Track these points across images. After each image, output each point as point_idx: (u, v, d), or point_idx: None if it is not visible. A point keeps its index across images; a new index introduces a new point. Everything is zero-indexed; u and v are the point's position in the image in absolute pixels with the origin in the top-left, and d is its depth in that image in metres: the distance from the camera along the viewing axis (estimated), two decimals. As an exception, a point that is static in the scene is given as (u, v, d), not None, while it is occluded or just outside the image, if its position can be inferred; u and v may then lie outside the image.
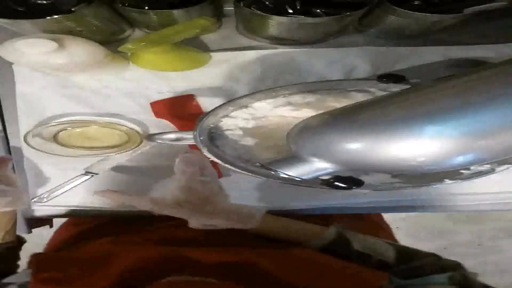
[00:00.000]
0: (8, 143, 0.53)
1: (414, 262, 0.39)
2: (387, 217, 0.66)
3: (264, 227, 0.43)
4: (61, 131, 0.51)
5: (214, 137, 0.44)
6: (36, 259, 0.39)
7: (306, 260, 0.37)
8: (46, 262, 0.38)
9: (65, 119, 0.51)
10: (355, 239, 0.42)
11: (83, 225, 0.55)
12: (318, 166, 0.35)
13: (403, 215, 1.41)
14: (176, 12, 0.43)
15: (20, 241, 0.49)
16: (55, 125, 0.50)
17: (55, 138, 0.51)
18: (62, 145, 0.52)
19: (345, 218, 0.56)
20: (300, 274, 0.34)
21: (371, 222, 0.61)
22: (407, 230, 1.45)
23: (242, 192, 0.53)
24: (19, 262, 0.47)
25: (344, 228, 0.44)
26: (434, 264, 0.39)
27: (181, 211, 0.40)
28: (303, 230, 0.45)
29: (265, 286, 0.33)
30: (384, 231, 0.61)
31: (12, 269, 0.46)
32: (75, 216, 0.56)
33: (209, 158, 0.41)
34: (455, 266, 0.38)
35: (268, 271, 0.34)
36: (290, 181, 0.37)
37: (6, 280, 0.37)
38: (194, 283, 0.31)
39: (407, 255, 0.41)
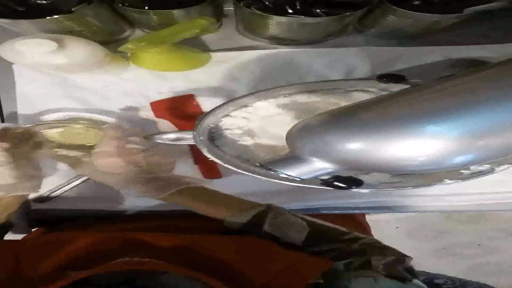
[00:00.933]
0: (8, 143, 0.53)
1: (320, 246, 0.39)
2: (387, 217, 0.66)
3: (185, 198, 0.44)
4: (56, 131, 0.50)
5: (214, 137, 0.44)
6: None
7: (256, 245, 0.38)
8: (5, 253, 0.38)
9: (59, 115, 0.51)
10: (271, 218, 0.41)
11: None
12: (317, 166, 0.35)
13: (403, 215, 1.41)
14: (176, 12, 0.43)
15: (10, 226, 0.49)
16: (50, 124, 0.50)
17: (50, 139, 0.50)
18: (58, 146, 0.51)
19: (331, 219, 0.56)
20: (248, 259, 0.34)
21: (355, 222, 0.61)
22: (407, 230, 1.45)
23: (241, 192, 0.53)
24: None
25: (271, 207, 0.43)
26: (340, 249, 0.38)
27: (107, 176, 0.43)
28: (232, 204, 0.45)
29: (213, 270, 0.33)
30: (364, 230, 0.62)
31: None
32: (75, 216, 0.56)
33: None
34: (366, 251, 0.37)
35: (216, 256, 0.35)
36: (290, 181, 0.37)
37: None
38: (143, 263, 0.32)
39: (317, 238, 0.40)
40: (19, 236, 0.53)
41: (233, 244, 0.37)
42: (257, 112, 0.45)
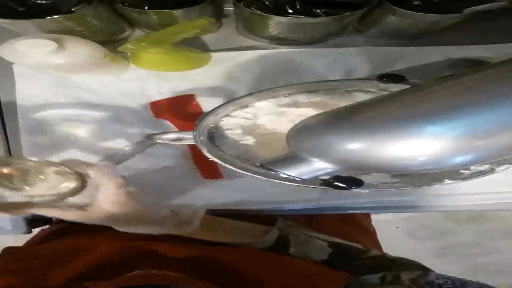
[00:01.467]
0: (8, 143, 0.53)
1: (343, 265, 0.39)
2: (387, 217, 0.66)
3: (202, 229, 0.41)
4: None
5: (214, 137, 0.44)
6: (2, 252, 0.38)
7: (270, 256, 0.37)
8: (13, 255, 0.38)
9: None
10: (294, 242, 0.41)
11: (63, 224, 0.54)
12: (318, 166, 0.35)
13: (403, 215, 1.41)
14: (176, 12, 0.43)
15: None
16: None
17: None
18: None
19: (333, 222, 0.55)
20: (265, 270, 0.34)
21: (357, 225, 0.61)
22: (407, 230, 1.45)
23: (242, 192, 0.53)
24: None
25: (287, 227, 0.43)
26: (368, 265, 0.39)
27: (114, 222, 0.38)
28: (243, 231, 0.44)
29: (228, 280, 0.33)
30: (369, 233, 0.61)
31: None
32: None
33: (208, 159, 0.41)
34: (393, 266, 0.38)
35: (231, 266, 0.34)
36: (290, 181, 0.37)
37: None
38: (159, 276, 0.31)
39: (341, 256, 0.41)
40: (21, 237, 0.53)
41: (250, 255, 0.37)
42: (257, 112, 0.45)
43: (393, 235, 1.42)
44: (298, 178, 0.36)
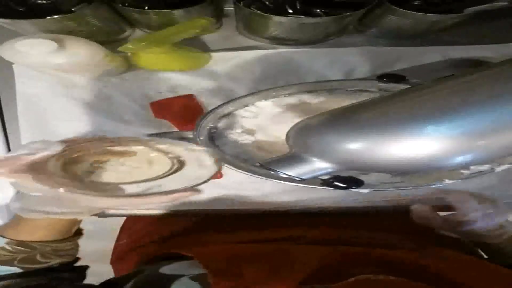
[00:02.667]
0: (8, 143, 0.53)
1: None
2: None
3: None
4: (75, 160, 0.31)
5: (214, 137, 0.44)
6: (203, 252, 0.37)
7: (481, 265, 0.36)
8: (217, 257, 0.36)
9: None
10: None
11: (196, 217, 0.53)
12: (318, 166, 0.35)
13: (403, 215, 1.41)
14: (176, 12, 0.43)
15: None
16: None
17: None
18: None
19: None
20: (476, 277, 0.33)
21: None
22: (407, 230, 1.44)
23: (243, 192, 0.53)
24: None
25: None
26: None
27: None
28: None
29: (445, 285, 0.31)
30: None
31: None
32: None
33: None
34: None
35: (445, 271, 0.33)
36: (290, 181, 0.37)
37: (172, 272, 0.35)
38: (380, 282, 0.30)
39: None
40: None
41: (458, 260, 0.36)
42: (257, 112, 0.45)
43: (393, 235, 1.42)
44: (298, 178, 0.36)
